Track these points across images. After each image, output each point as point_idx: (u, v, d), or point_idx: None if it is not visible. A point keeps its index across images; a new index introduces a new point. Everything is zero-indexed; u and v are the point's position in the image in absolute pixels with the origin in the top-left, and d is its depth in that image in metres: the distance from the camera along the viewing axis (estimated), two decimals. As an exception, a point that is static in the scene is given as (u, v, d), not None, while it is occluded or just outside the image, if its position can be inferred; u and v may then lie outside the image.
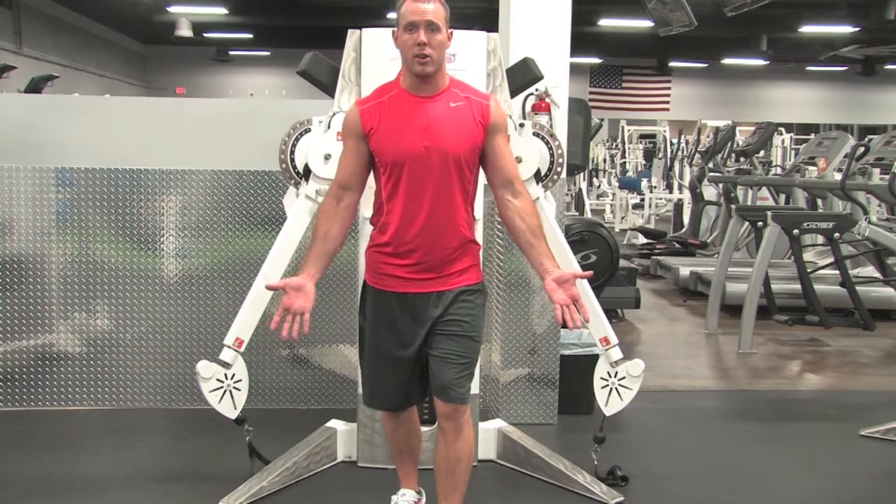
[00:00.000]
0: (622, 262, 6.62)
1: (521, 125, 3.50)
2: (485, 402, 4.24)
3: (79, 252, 4.35)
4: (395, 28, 2.71)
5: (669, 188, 13.52)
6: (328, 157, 3.35)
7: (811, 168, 7.49)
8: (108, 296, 4.37)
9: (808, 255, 7.30)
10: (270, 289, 2.84)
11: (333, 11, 13.94)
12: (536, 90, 4.00)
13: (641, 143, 17.98)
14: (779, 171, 10.42)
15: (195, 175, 4.37)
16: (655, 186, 14.07)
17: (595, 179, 16.11)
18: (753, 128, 10.89)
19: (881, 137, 7.18)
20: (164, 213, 4.39)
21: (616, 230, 12.53)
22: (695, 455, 4.03)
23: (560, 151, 3.64)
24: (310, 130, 3.49)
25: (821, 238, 6.08)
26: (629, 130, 17.34)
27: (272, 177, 4.33)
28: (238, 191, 4.39)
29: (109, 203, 4.35)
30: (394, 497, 3.10)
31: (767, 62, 20.22)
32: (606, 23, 14.45)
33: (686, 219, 11.06)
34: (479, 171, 2.83)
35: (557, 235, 3.51)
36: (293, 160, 3.50)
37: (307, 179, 3.42)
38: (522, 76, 3.67)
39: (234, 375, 3.32)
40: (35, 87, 8.21)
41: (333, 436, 3.68)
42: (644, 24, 12.98)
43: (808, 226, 5.83)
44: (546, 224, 3.47)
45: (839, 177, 6.37)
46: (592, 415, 4.11)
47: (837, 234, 5.72)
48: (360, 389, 3.49)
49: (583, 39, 8.29)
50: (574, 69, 4.49)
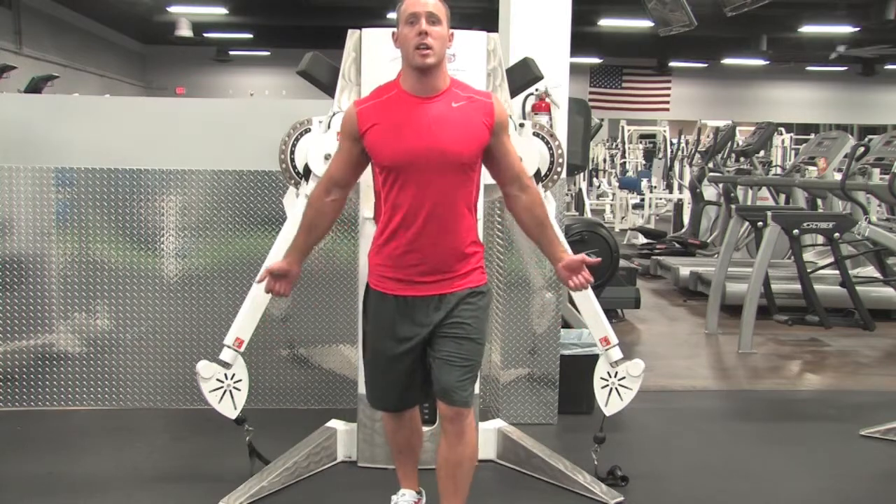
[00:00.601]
0: (622, 262, 6.63)
1: (521, 125, 3.50)
2: (485, 402, 4.24)
3: (79, 252, 4.35)
4: (395, 30, 2.71)
5: (669, 188, 13.52)
6: (328, 158, 3.34)
7: (811, 168, 7.49)
8: (108, 296, 4.37)
9: (808, 255, 7.30)
10: (259, 282, 2.91)
11: (333, 11, 13.94)
12: (536, 90, 4.00)
13: (641, 143, 17.98)
14: (779, 171, 10.42)
15: (195, 175, 4.37)
16: (655, 186, 14.07)
17: (595, 179, 16.11)
18: (753, 128, 10.89)
19: (881, 137, 7.18)
20: (164, 213, 4.39)
21: (616, 230, 12.53)
22: (695, 455, 4.03)
23: (560, 151, 3.64)
24: (310, 130, 3.49)
25: (821, 238, 6.09)
26: (629, 130, 17.33)
27: (272, 177, 4.33)
28: (238, 191, 4.39)
29: (109, 203, 4.35)
30: (394, 497, 3.10)
31: (767, 62, 20.23)
32: (606, 23, 14.45)
33: (686, 219, 11.06)
34: (482, 173, 2.82)
35: (558, 235, 3.50)
36: (293, 160, 3.50)
37: (307, 179, 3.42)
38: (522, 76, 3.67)
39: (234, 375, 3.33)
40: (35, 87, 8.21)
41: (333, 436, 3.68)
42: (644, 24, 12.98)
43: (808, 226, 5.83)
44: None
45: (839, 177, 6.37)
46: (592, 415, 4.11)
47: (837, 234, 5.72)
48: (360, 389, 3.50)
49: (583, 39, 8.30)
50: (574, 69, 4.49)
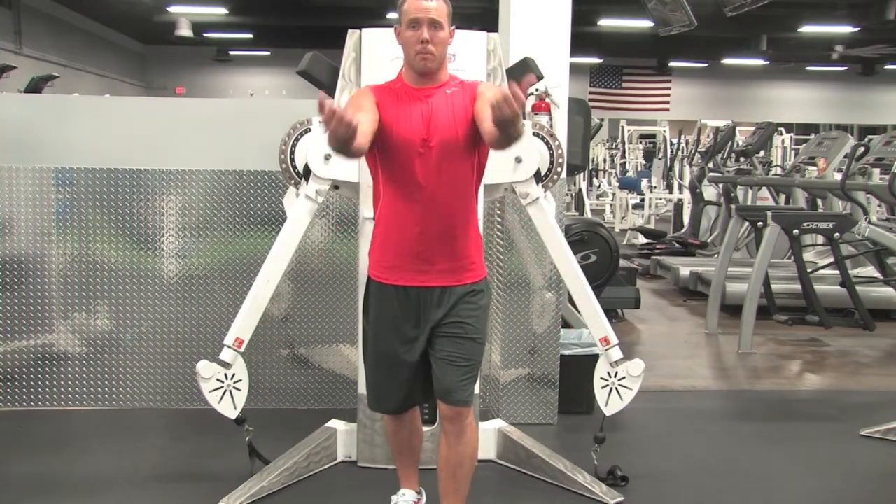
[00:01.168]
0: (622, 262, 6.63)
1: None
2: (485, 402, 4.24)
3: (79, 252, 4.35)
4: (397, 25, 2.71)
5: (669, 188, 13.52)
6: (328, 158, 3.35)
7: (811, 168, 7.49)
8: (108, 296, 4.37)
9: (808, 255, 7.30)
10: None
11: (333, 11, 13.95)
12: (536, 90, 4.00)
13: (641, 143, 17.98)
14: (779, 171, 10.42)
15: (195, 175, 4.37)
16: (655, 186, 14.06)
17: (595, 179, 16.11)
18: (753, 128, 10.89)
19: (881, 137, 7.19)
20: (164, 213, 4.39)
21: (616, 230, 12.53)
22: (695, 455, 4.03)
23: (560, 151, 3.64)
24: (310, 130, 3.49)
25: (821, 238, 6.09)
26: (629, 130, 17.33)
27: (272, 177, 4.33)
28: (238, 191, 4.39)
29: (109, 203, 4.35)
30: (394, 497, 3.10)
31: (767, 62, 20.23)
32: (606, 23, 14.45)
33: (686, 219, 11.06)
34: (480, 167, 2.81)
35: (557, 235, 3.51)
36: (293, 160, 3.50)
37: (307, 179, 3.41)
38: (522, 76, 3.67)
39: (234, 375, 3.32)
40: (35, 87, 8.19)
41: (333, 436, 3.68)
42: (644, 24, 12.99)
43: (808, 226, 5.83)
44: (546, 224, 3.49)
45: (839, 177, 6.37)
46: (592, 415, 4.12)
47: (837, 234, 5.72)
48: (360, 389, 3.50)
49: (583, 39, 8.30)
50: (574, 69, 4.49)
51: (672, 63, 21.25)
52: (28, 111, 4.41)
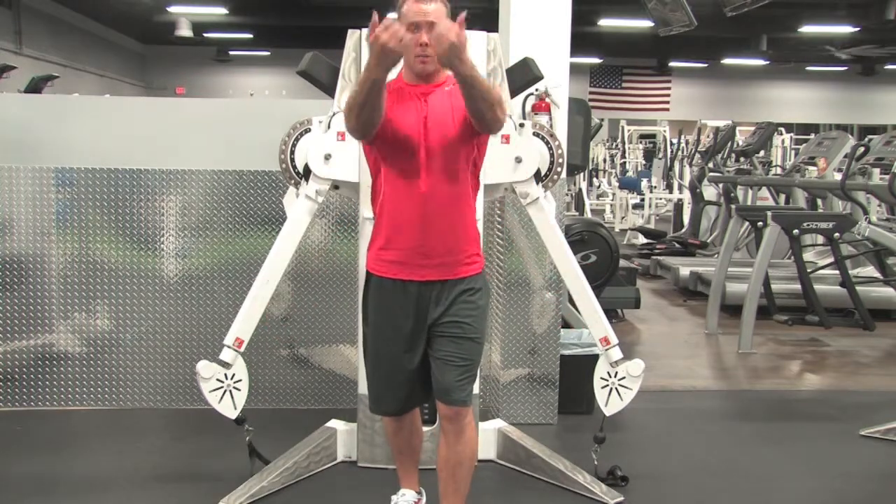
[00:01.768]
0: (622, 262, 6.63)
1: (521, 125, 3.49)
2: (485, 402, 4.24)
3: (79, 252, 4.34)
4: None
5: (669, 188, 13.52)
6: (328, 157, 3.35)
7: (811, 168, 7.49)
8: (108, 296, 4.37)
9: (808, 255, 7.30)
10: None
11: (333, 11, 13.94)
12: (536, 90, 4.00)
13: (641, 143, 17.98)
14: (779, 171, 10.42)
15: (195, 175, 4.37)
16: (655, 186, 14.06)
17: (595, 179, 16.10)
18: (753, 128, 10.89)
19: (881, 137, 7.19)
20: (164, 213, 4.39)
21: (616, 230, 12.53)
22: (695, 455, 4.03)
23: (560, 151, 3.64)
24: (310, 130, 3.49)
25: (821, 238, 6.08)
26: (629, 130, 17.33)
27: (272, 177, 4.33)
28: (238, 191, 4.39)
29: (109, 203, 4.35)
30: (394, 497, 3.11)
31: (767, 62, 20.23)
32: (606, 23, 14.45)
33: (686, 219, 11.06)
34: (477, 162, 2.83)
35: (557, 235, 3.51)
36: (293, 160, 3.50)
37: (307, 179, 3.41)
38: (522, 76, 3.67)
39: (234, 375, 3.32)
40: (35, 87, 8.20)
41: (333, 436, 3.68)
42: (644, 24, 12.98)
43: (808, 226, 5.83)
44: (546, 224, 3.49)
45: (839, 177, 6.37)
46: (592, 415, 4.11)
47: (837, 234, 5.72)
48: (360, 389, 3.50)
49: (583, 39, 8.30)
50: (574, 69, 4.49)
51: (672, 63, 21.25)
52: (28, 111, 4.41)
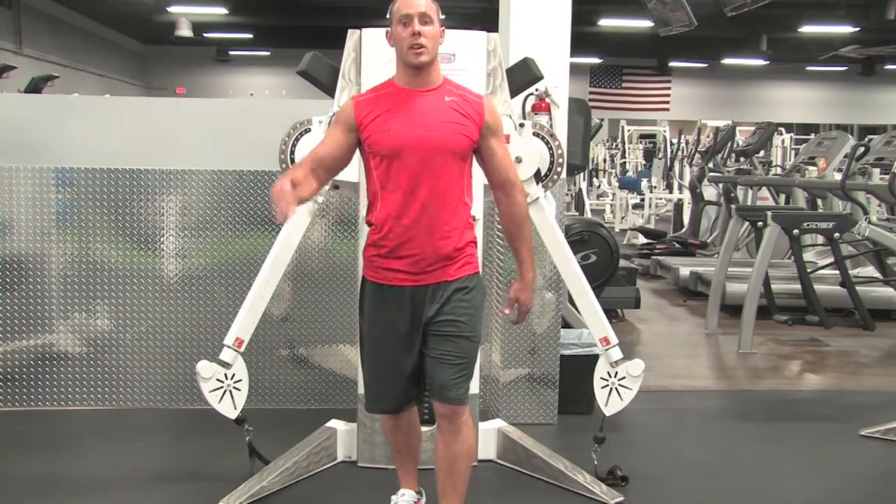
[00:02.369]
0: (622, 262, 6.63)
1: (521, 125, 3.50)
2: (485, 402, 4.24)
3: (79, 252, 4.34)
4: (388, 29, 2.78)
5: (669, 188, 13.52)
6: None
7: (811, 168, 7.49)
8: (108, 296, 4.37)
9: (808, 255, 7.30)
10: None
11: (333, 11, 13.93)
12: (536, 90, 4.00)
13: (641, 143, 17.97)
14: (779, 171, 10.41)
15: (195, 175, 4.37)
16: (655, 186, 14.06)
17: (595, 179, 16.10)
18: (753, 128, 10.89)
19: (881, 137, 7.18)
20: (164, 213, 4.39)
21: (616, 230, 12.53)
22: (695, 455, 4.03)
23: (560, 151, 3.64)
24: (310, 130, 3.49)
25: (821, 238, 6.08)
26: (629, 130, 17.33)
27: (272, 177, 4.32)
28: (238, 191, 4.39)
29: (109, 203, 4.35)
30: (394, 497, 3.11)
31: (767, 62, 20.22)
32: (606, 23, 14.44)
33: (686, 219, 11.06)
34: (474, 165, 2.86)
35: (557, 235, 3.51)
36: (293, 160, 3.50)
37: (307, 179, 3.41)
38: (522, 76, 3.67)
39: (234, 375, 3.32)
40: (35, 87, 8.20)
41: (333, 436, 3.68)
42: (644, 24, 12.98)
43: (808, 226, 5.83)
44: (546, 224, 3.49)
45: (839, 177, 6.37)
46: (592, 415, 4.11)
47: (837, 234, 5.71)
48: (360, 389, 3.49)
49: (583, 39, 8.30)
50: (574, 69, 4.49)
51: (672, 63, 21.24)
52: (28, 111, 4.41)
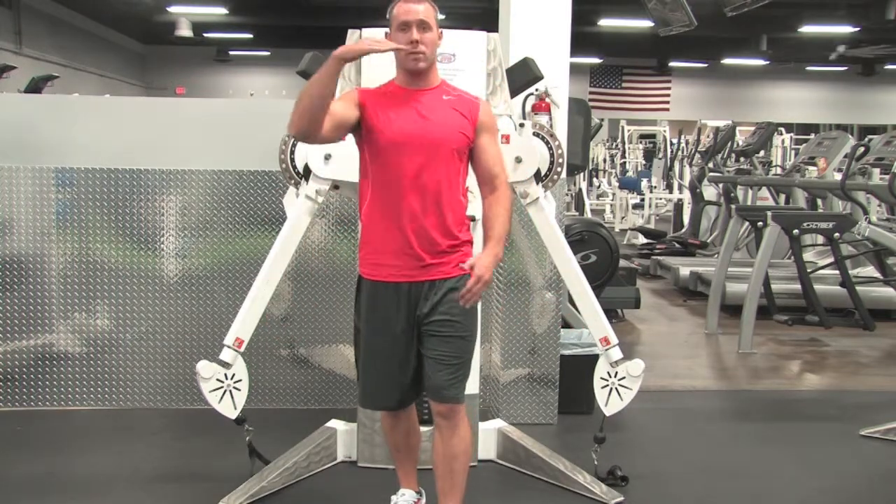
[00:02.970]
0: (622, 262, 6.63)
1: (521, 125, 3.50)
2: (485, 402, 4.24)
3: (79, 252, 4.34)
4: (388, 31, 2.82)
5: (669, 188, 13.52)
6: (328, 158, 3.35)
7: (811, 168, 7.49)
8: (108, 296, 4.37)
9: (808, 255, 7.30)
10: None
11: (333, 11, 13.94)
12: (536, 90, 4.00)
13: (641, 143, 17.97)
14: (779, 171, 10.41)
15: (195, 175, 4.37)
16: (655, 186, 14.06)
17: (595, 179, 16.11)
18: (753, 128, 10.89)
19: (881, 137, 7.18)
20: (164, 213, 4.39)
21: (616, 230, 12.53)
22: (695, 455, 4.03)
23: (560, 151, 3.64)
24: (310, 130, 3.48)
25: (821, 238, 6.08)
26: (629, 130, 17.33)
27: (272, 177, 4.33)
28: (238, 191, 4.39)
29: (109, 203, 4.35)
30: (394, 497, 3.11)
31: (767, 62, 20.22)
32: (606, 23, 14.44)
33: (686, 219, 11.06)
34: (469, 165, 2.88)
35: (557, 235, 3.51)
36: (293, 160, 3.50)
37: (307, 179, 3.41)
38: (522, 76, 3.68)
39: (234, 375, 3.32)
40: (35, 87, 8.19)
41: (333, 436, 3.68)
42: (644, 24, 12.98)
43: (808, 226, 5.83)
44: (546, 224, 3.49)
45: (839, 177, 6.37)
46: (592, 415, 4.11)
47: (837, 234, 5.71)
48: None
49: (583, 39, 8.29)
50: (574, 69, 4.49)
51: (672, 63, 21.24)
52: (28, 111, 4.41)
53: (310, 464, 3.57)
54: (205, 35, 17.23)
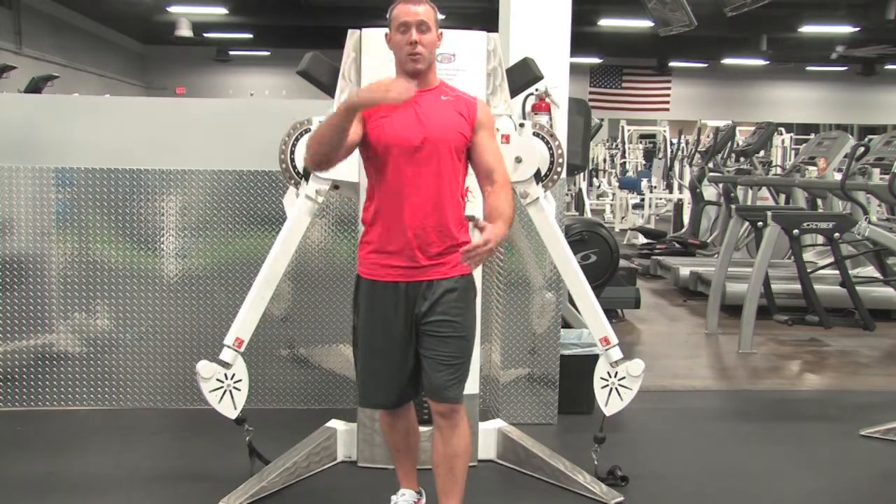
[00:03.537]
0: (622, 262, 6.63)
1: (521, 125, 3.50)
2: (485, 402, 4.24)
3: (79, 252, 4.34)
4: (388, 31, 2.82)
5: (669, 188, 13.52)
6: (328, 157, 3.35)
7: (811, 168, 7.49)
8: (108, 296, 4.37)
9: (808, 255, 7.30)
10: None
11: (333, 11, 13.95)
12: (536, 90, 4.00)
13: (641, 143, 17.98)
14: (779, 171, 10.41)
15: (195, 175, 4.37)
16: (655, 186, 14.06)
17: (595, 179, 16.11)
18: (753, 128, 10.89)
19: (881, 137, 7.18)
20: (164, 213, 4.39)
21: (616, 230, 12.53)
22: (695, 455, 4.03)
23: (560, 151, 3.64)
24: (310, 130, 3.48)
25: (821, 238, 6.08)
26: (629, 130, 17.33)
27: (272, 177, 4.33)
28: (238, 191, 4.39)
29: (109, 203, 4.35)
30: (394, 497, 3.11)
31: (767, 62, 20.22)
32: (606, 23, 14.45)
33: (686, 219, 11.06)
34: (468, 167, 2.89)
35: (557, 235, 3.51)
36: (293, 160, 3.50)
37: (307, 179, 3.41)
38: (522, 76, 3.67)
39: (234, 375, 3.32)
40: (35, 87, 8.19)
41: (333, 436, 3.68)
42: (644, 24, 12.99)
43: (808, 226, 5.83)
44: (546, 224, 3.49)
45: (839, 177, 6.37)
46: (592, 415, 4.11)
47: (837, 234, 5.71)
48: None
49: (583, 39, 8.29)
50: (574, 69, 4.49)
51: (672, 63, 21.24)
52: (28, 111, 4.41)
53: (310, 464, 3.57)
54: (205, 35, 17.24)
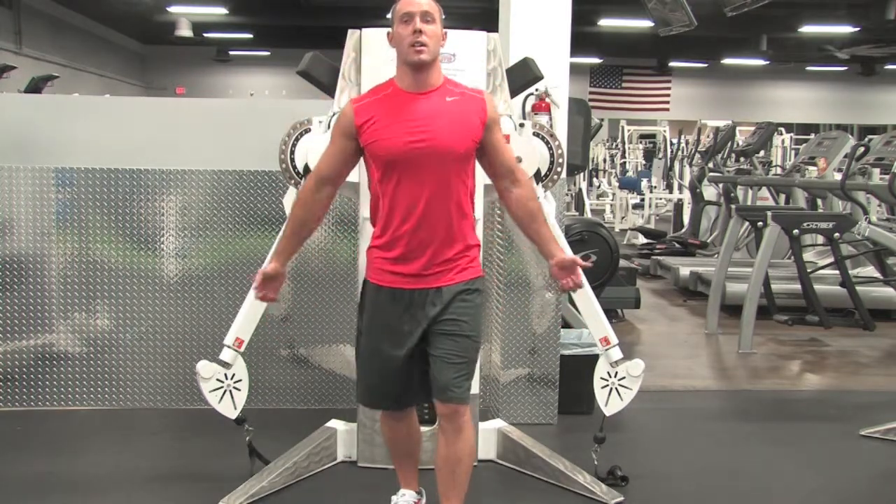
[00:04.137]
0: (622, 262, 6.63)
1: (521, 125, 3.50)
2: (485, 402, 4.24)
3: (79, 252, 4.34)
4: (390, 30, 2.77)
5: (669, 188, 13.52)
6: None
7: (811, 168, 7.49)
8: (108, 296, 4.37)
9: (808, 255, 7.30)
10: (255, 288, 2.92)
11: (333, 11, 13.94)
12: (536, 90, 4.00)
13: (641, 143, 17.98)
14: (779, 171, 10.41)
15: (195, 175, 4.37)
16: (655, 186, 14.06)
17: (595, 179, 16.10)
18: (753, 128, 10.89)
19: (881, 137, 7.18)
20: (164, 213, 4.39)
21: (616, 230, 12.53)
22: (695, 455, 4.03)
23: (560, 151, 3.64)
24: (310, 130, 3.49)
25: (821, 238, 6.08)
26: (629, 130, 17.33)
27: (272, 177, 4.33)
28: (238, 191, 4.39)
29: (109, 203, 4.35)
30: (394, 497, 3.11)
31: (767, 62, 20.22)
32: (606, 23, 14.44)
33: (686, 219, 11.06)
34: (476, 167, 2.86)
35: (557, 235, 3.50)
36: (293, 160, 3.50)
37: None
38: (522, 76, 3.68)
39: (234, 375, 3.33)
40: (35, 87, 8.20)
41: (333, 436, 3.68)
42: (644, 24, 12.98)
43: (808, 226, 5.83)
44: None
45: (839, 177, 6.37)
46: (592, 415, 4.11)
47: (837, 234, 5.71)
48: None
49: (583, 39, 8.29)
50: (574, 69, 4.50)
51: (672, 63, 21.24)
52: (28, 111, 4.41)
53: (310, 464, 3.57)
54: (205, 35, 17.23)
